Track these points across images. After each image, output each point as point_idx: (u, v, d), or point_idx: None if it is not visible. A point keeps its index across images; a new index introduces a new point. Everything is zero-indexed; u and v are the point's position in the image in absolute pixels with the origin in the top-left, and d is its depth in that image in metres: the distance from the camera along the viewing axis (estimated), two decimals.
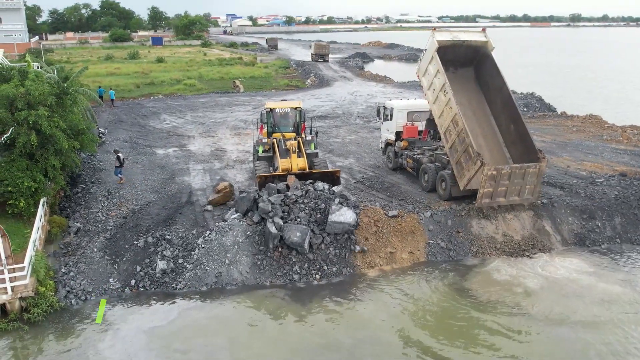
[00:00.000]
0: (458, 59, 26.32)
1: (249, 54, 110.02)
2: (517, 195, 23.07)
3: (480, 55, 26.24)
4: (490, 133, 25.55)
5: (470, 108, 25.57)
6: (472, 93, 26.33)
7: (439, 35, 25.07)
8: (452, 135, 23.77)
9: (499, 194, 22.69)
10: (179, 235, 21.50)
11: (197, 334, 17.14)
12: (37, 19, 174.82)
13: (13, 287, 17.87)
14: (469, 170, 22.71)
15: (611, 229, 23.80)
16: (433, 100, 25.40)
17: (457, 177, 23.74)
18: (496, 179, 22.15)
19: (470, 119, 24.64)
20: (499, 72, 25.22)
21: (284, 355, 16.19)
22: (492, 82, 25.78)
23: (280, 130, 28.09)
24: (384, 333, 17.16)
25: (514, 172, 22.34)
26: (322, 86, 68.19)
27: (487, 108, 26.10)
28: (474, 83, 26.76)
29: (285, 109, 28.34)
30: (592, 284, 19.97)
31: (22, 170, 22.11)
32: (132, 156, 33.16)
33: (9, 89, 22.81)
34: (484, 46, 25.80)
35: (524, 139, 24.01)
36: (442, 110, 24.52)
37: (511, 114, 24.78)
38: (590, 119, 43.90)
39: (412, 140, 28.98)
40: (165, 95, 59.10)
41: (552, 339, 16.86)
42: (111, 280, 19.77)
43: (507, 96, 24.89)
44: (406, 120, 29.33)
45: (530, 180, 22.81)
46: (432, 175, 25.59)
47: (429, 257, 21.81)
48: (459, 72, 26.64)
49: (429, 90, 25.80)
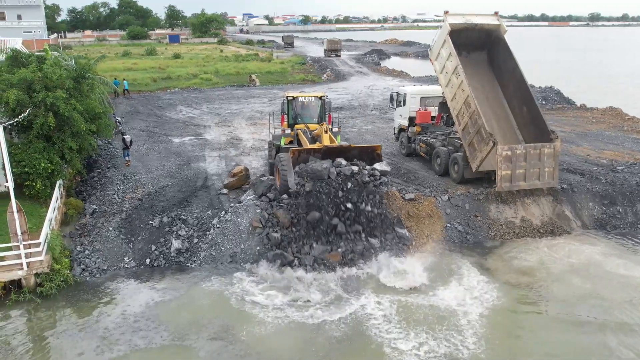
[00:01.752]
0: (471, 42, 26.06)
1: (265, 51, 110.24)
2: (538, 179, 22.58)
3: (492, 39, 26.04)
4: (503, 116, 25.38)
5: (482, 91, 25.33)
6: (484, 76, 26.16)
7: (451, 18, 24.93)
8: (465, 117, 23.69)
9: (518, 177, 22.28)
10: (194, 215, 21.47)
11: (205, 310, 17.10)
12: (56, 17, 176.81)
13: (29, 263, 17.93)
14: (482, 151, 22.62)
15: (633, 214, 23.33)
16: (445, 83, 25.28)
17: (470, 159, 23.67)
18: (512, 160, 21.89)
19: (483, 102, 24.39)
20: (511, 54, 25.05)
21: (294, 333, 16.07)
22: (505, 65, 25.60)
23: (303, 121, 25.10)
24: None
25: (529, 152, 22.12)
26: (339, 80, 68.08)
27: (499, 91, 25.90)
28: (486, 66, 26.59)
29: (309, 98, 25.45)
30: (613, 269, 19.56)
31: (38, 152, 22.24)
32: (148, 144, 33.27)
33: (27, 72, 22.93)
34: (497, 29, 25.61)
35: (537, 121, 23.81)
36: (455, 93, 24.43)
37: (524, 96, 24.61)
38: (610, 111, 43.17)
39: (425, 126, 28.96)
40: (182, 89, 59.31)
41: (572, 322, 16.56)
42: (126, 259, 19.77)
43: (519, 79, 24.67)
44: (419, 106, 29.33)
45: (548, 162, 22.48)
46: (445, 158, 25.60)
47: (446, 240, 21.51)
48: (471, 56, 26.45)
49: (441, 74, 25.69)
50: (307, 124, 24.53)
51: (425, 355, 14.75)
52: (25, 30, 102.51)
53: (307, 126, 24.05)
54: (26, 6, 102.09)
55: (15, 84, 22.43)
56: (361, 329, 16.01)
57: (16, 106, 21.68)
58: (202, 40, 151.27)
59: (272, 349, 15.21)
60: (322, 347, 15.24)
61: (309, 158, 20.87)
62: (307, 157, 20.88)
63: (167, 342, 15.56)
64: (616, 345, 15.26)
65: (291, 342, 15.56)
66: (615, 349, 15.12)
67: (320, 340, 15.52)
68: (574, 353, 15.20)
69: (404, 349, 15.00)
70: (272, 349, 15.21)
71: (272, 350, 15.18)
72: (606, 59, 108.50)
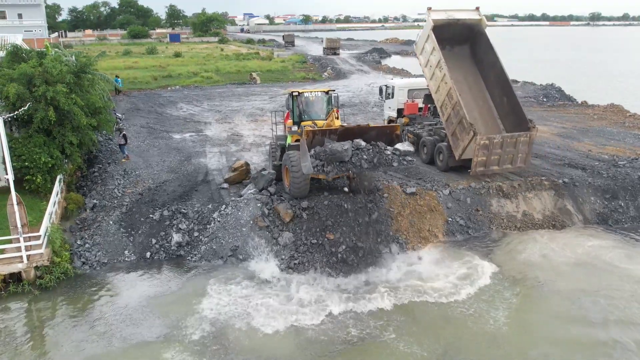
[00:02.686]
0: (454, 37, 26.83)
1: (266, 50, 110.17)
2: (510, 164, 23.80)
3: (475, 33, 26.80)
4: (485, 107, 26.22)
5: (466, 84, 26.25)
6: (467, 69, 27.02)
7: (434, 14, 25.86)
8: (448, 108, 24.58)
9: (492, 162, 23.41)
10: (194, 209, 21.43)
11: (204, 305, 17.05)
12: (57, 17, 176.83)
13: (29, 256, 17.90)
14: (463, 140, 23.55)
15: (635, 209, 23.27)
16: (430, 76, 26.11)
17: (453, 148, 24.54)
18: (489, 148, 22.97)
19: (466, 94, 25.39)
20: (492, 48, 25.94)
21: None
22: (486, 58, 26.41)
23: (310, 117, 23.51)
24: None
25: (506, 141, 23.17)
26: (339, 78, 68.02)
27: (482, 83, 26.72)
28: (469, 60, 27.38)
29: (315, 93, 24.01)
30: (616, 263, 19.51)
31: (39, 146, 22.23)
32: (148, 140, 33.20)
33: (28, 67, 22.89)
34: (478, 24, 26.43)
35: (516, 110, 24.65)
36: (439, 86, 25.26)
37: (503, 87, 25.48)
38: (612, 108, 43.07)
39: (413, 117, 30.19)
40: (183, 87, 59.21)
41: (576, 316, 16.53)
42: (126, 252, 19.74)
43: (499, 71, 25.51)
44: (407, 98, 30.71)
45: (522, 149, 23.56)
46: (430, 147, 26.52)
47: (448, 234, 21.45)
48: (454, 50, 27.25)
49: (426, 67, 26.47)
50: (314, 120, 23.24)
51: (429, 355, 14.68)
52: (26, 29, 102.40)
53: (315, 123, 22.74)
54: (27, 5, 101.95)
55: (15, 79, 22.38)
56: (364, 331, 15.89)
57: (16, 100, 21.67)
58: (202, 39, 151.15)
59: (272, 349, 15.06)
60: (323, 347, 15.12)
61: (324, 141, 19.58)
62: (323, 140, 19.59)
63: (164, 336, 15.49)
64: (619, 338, 15.21)
65: (290, 342, 15.37)
66: (619, 342, 15.07)
67: (323, 340, 15.42)
68: (579, 347, 15.09)
69: (406, 350, 14.95)
70: (272, 349, 15.06)
71: (271, 349, 15.05)
72: (607, 58, 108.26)
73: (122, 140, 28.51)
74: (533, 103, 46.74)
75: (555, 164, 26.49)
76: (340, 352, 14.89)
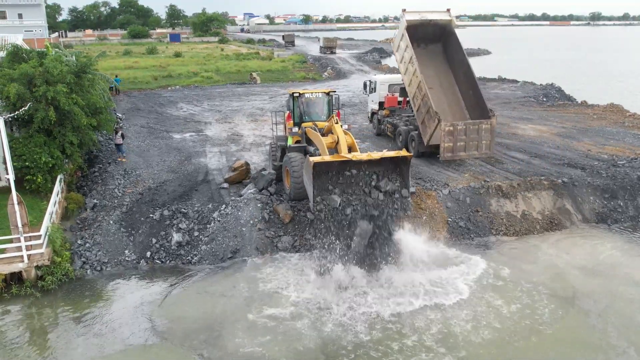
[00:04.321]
0: (427, 36, 29.36)
1: (266, 50, 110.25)
2: (476, 150, 25.83)
3: (446, 33, 29.12)
4: (454, 99, 28.46)
5: (437, 78, 28.68)
6: (440, 66, 29.37)
7: (408, 15, 28.44)
8: (418, 100, 26.95)
9: (459, 148, 25.46)
10: (194, 209, 21.47)
11: (203, 304, 17.07)
12: (57, 17, 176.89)
13: (29, 255, 17.94)
14: (430, 127, 25.92)
15: (634, 208, 23.33)
16: (404, 71, 28.56)
17: (422, 135, 26.89)
18: (453, 134, 25.06)
19: (437, 88, 28.06)
20: (460, 46, 28.37)
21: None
22: (457, 55, 28.70)
23: (310, 118, 23.46)
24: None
25: (468, 127, 25.38)
26: (339, 78, 68.05)
27: (452, 79, 28.98)
28: (442, 57, 29.70)
29: (316, 94, 23.95)
30: (616, 263, 19.57)
31: (39, 146, 22.27)
32: (149, 140, 33.25)
33: (28, 67, 22.93)
34: (449, 24, 28.87)
35: (480, 102, 26.76)
36: (411, 79, 27.68)
37: (470, 82, 27.76)
38: (611, 107, 43.07)
39: (392, 109, 32.62)
40: (183, 87, 59.23)
41: (575, 318, 16.57)
42: (127, 252, 19.79)
43: (467, 67, 27.86)
44: (387, 92, 33.26)
45: (485, 136, 25.67)
46: (405, 136, 29.03)
47: (448, 234, 21.48)
48: (429, 48, 29.75)
49: (401, 63, 28.91)
50: (315, 121, 23.06)
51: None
52: (26, 29, 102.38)
53: (315, 124, 22.46)
54: (27, 5, 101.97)
55: (16, 79, 22.40)
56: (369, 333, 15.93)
57: (17, 100, 21.69)
58: (203, 39, 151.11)
59: (274, 351, 15.02)
60: (323, 351, 15.11)
61: (330, 168, 18.44)
62: (328, 169, 18.43)
63: (164, 338, 15.51)
64: (617, 338, 15.29)
65: (290, 345, 15.32)
66: (617, 342, 15.14)
67: (322, 344, 15.44)
68: (582, 348, 15.13)
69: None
70: (274, 351, 15.02)
71: (274, 352, 15.03)
72: (607, 58, 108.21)
73: (120, 139, 28.55)
74: (533, 103, 46.75)
75: (555, 163, 26.55)
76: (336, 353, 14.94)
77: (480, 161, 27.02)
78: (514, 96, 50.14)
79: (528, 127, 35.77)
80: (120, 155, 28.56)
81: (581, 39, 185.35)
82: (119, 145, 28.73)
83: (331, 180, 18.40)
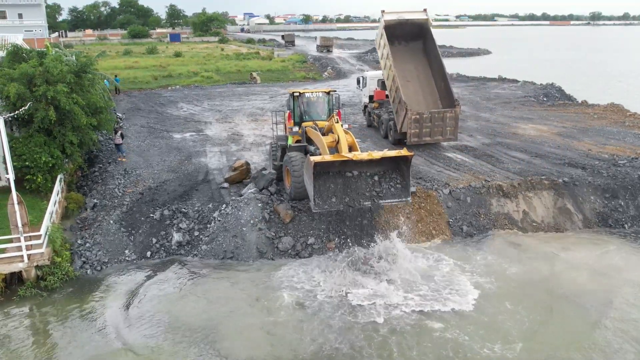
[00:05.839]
0: (406, 34, 31.91)
1: (266, 49, 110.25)
2: (441, 135, 28.98)
3: (424, 31, 31.57)
4: (429, 91, 31.19)
5: (416, 72, 31.56)
6: (419, 61, 31.97)
7: (387, 16, 31.23)
8: (393, 91, 29.96)
9: (425, 134, 28.62)
10: (195, 208, 21.45)
11: (203, 302, 17.04)
12: (57, 17, 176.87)
13: (29, 255, 17.92)
14: (401, 116, 28.87)
15: (635, 208, 23.27)
16: (383, 66, 31.38)
17: (396, 123, 29.68)
18: (419, 122, 28.24)
19: (415, 81, 31.10)
20: (435, 44, 31.04)
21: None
22: (433, 52, 31.29)
23: (311, 118, 23.32)
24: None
25: (434, 115, 28.41)
26: (339, 78, 68.00)
27: (429, 72, 31.62)
28: (421, 53, 32.25)
29: (316, 93, 23.76)
30: (617, 263, 19.53)
31: (39, 146, 22.24)
32: (149, 139, 33.23)
33: (28, 67, 22.90)
34: (425, 23, 31.44)
35: (449, 93, 29.61)
36: (388, 74, 30.56)
37: (442, 75, 30.61)
38: (612, 107, 43.03)
39: (381, 102, 34.95)
40: (183, 86, 59.21)
41: (575, 318, 16.53)
42: (127, 252, 19.77)
43: (440, 62, 30.55)
44: (377, 86, 35.39)
45: (450, 123, 28.75)
46: (385, 125, 31.97)
47: (449, 234, 21.45)
48: (410, 45, 32.27)
49: (382, 60, 31.69)
50: (315, 120, 22.97)
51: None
52: (26, 29, 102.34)
53: (316, 123, 22.40)
54: (27, 5, 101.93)
55: (16, 78, 22.38)
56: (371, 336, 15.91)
57: (17, 100, 21.66)
58: (203, 39, 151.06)
59: (275, 351, 15.01)
60: (323, 353, 15.12)
61: (331, 168, 18.70)
62: (329, 168, 18.68)
63: (165, 337, 15.49)
64: (617, 338, 15.26)
65: (291, 343, 15.35)
66: (617, 342, 15.11)
67: (328, 342, 15.44)
68: (583, 348, 15.04)
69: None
70: (275, 351, 15.01)
71: (275, 351, 15.03)
72: (607, 58, 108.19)
73: (119, 139, 28.52)
74: (533, 102, 46.71)
75: (555, 163, 26.52)
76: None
77: (481, 161, 27.03)
78: (514, 96, 50.11)
79: (528, 126, 35.76)
80: (120, 155, 28.55)
81: (581, 39, 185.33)
82: (118, 145, 28.73)
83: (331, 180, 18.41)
